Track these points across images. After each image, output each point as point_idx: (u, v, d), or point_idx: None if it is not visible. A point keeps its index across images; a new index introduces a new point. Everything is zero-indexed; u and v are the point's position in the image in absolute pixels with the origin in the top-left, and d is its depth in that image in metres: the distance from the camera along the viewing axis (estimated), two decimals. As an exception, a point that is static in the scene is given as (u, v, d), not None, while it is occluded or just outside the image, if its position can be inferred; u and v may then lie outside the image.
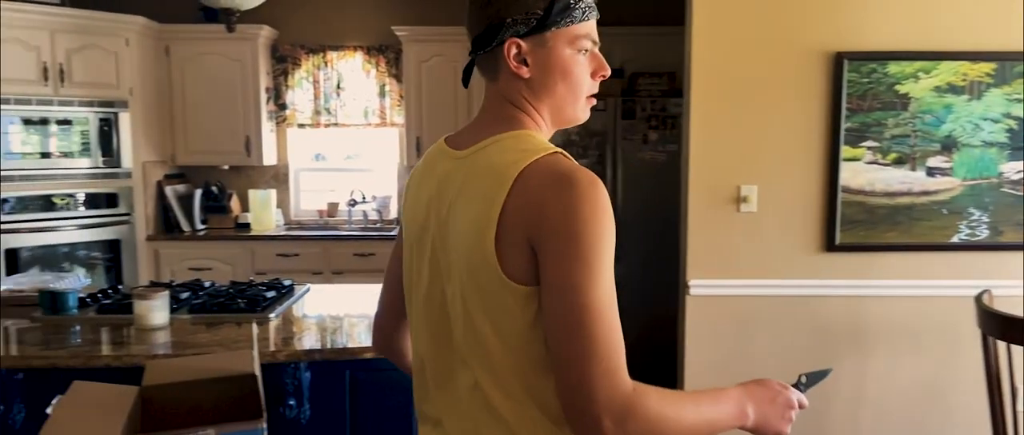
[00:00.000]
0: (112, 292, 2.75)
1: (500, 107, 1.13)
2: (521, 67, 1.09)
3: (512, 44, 1.08)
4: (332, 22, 5.04)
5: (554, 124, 1.16)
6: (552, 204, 0.99)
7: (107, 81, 4.37)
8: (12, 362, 2.10)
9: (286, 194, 5.23)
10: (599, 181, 1.01)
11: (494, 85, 1.13)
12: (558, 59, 1.10)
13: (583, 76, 1.13)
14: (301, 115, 5.07)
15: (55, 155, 4.26)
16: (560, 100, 1.13)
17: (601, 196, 1.00)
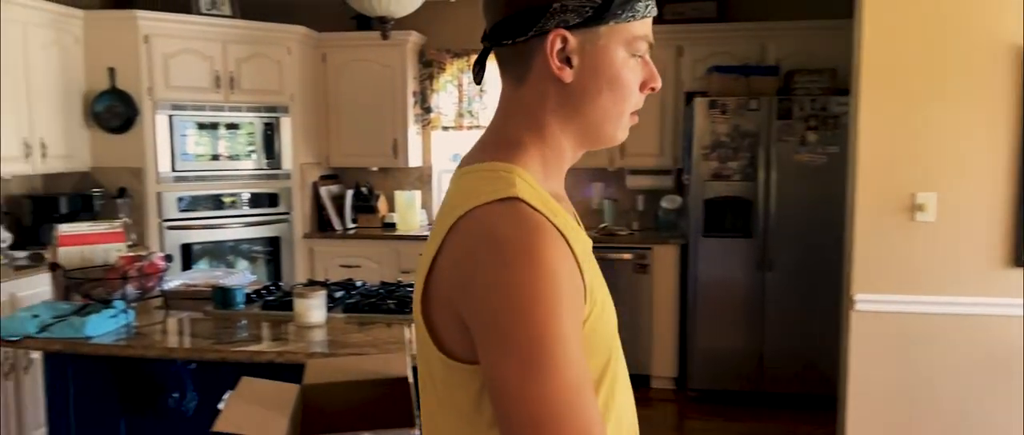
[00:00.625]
0: (274, 289, 2.90)
1: (507, 121, 0.91)
2: (564, 68, 0.86)
3: (557, 36, 0.85)
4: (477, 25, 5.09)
5: (581, 145, 0.93)
6: (476, 274, 0.78)
7: (271, 88, 4.65)
8: (187, 353, 2.25)
9: (430, 195, 5.36)
10: (541, 242, 0.77)
11: (515, 88, 0.90)
12: (610, 61, 0.87)
13: (633, 86, 0.90)
14: (445, 118, 5.18)
15: (223, 157, 4.58)
16: (601, 114, 0.89)
17: (540, 265, 0.76)
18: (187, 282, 2.89)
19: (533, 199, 0.82)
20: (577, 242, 0.83)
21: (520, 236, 0.77)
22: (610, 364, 0.89)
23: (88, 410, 2.52)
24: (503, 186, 0.82)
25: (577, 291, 0.80)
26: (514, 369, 0.76)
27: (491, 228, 0.79)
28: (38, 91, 3.86)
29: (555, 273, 0.77)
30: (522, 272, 0.76)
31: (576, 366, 0.77)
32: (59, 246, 2.49)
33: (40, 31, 3.85)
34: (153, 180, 4.30)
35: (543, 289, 0.76)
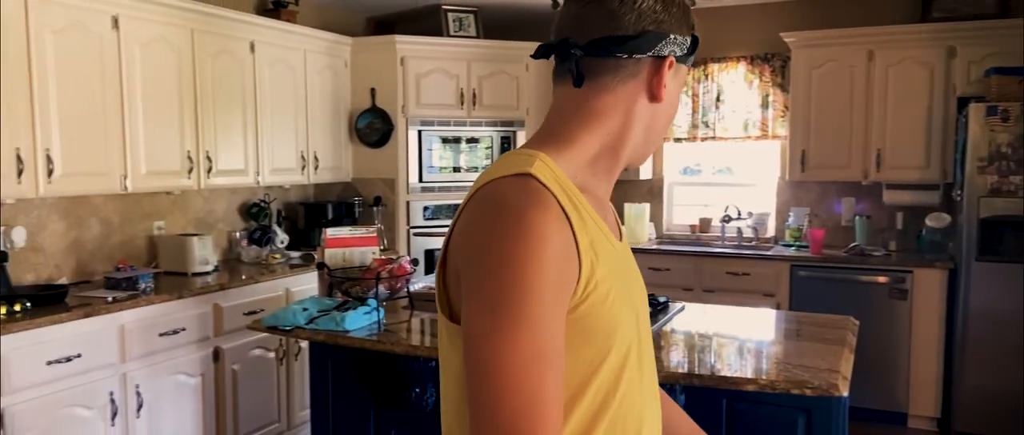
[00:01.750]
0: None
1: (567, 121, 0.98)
2: (662, 89, 0.98)
3: (670, 61, 0.97)
4: (716, 34, 4.94)
5: (630, 157, 1.01)
6: (473, 232, 0.85)
7: (508, 103, 4.86)
8: (427, 352, 2.40)
9: (659, 208, 5.27)
10: (536, 210, 0.83)
11: (593, 95, 0.97)
12: (677, 92, 1.02)
13: (674, 116, 1.05)
14: (678, 129, 5.06)
15: (463, 169, 4.86)
16: (658, 133, 1.02)
17: (529, 228, 0.82)
18: (430, 285, 3.08)
19: (548, 179, 0.88)
20: (587, 230, 0.88)
21: (518, 202, 0.84)
22: (610, 360, 0.91)
23: (343, 397, 2.78)
24: (522, 164, 0.90)
25: (566, 268, 0.84)
26: (483, 318, 0.82)
27: (497, 195, 0.86)
28: (313, 110, 4.37)
29: (542, 240, 0.82)
30: (509, 231, 0.82)
31: (542, 333, 0.81)
32: (326, 247, 2.78)
33: (317, 57, 4.37)
34: (404, 190, 4.67)
35: (525, 251, 0.81)
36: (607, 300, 0.89)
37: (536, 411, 0.80)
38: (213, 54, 3.66)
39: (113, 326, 2.95)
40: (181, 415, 3.26)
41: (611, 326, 0.91)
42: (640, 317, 0.99)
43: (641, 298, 1.03)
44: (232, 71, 3.78)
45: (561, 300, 0.84)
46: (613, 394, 0.92)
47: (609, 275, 0.90)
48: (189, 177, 3.60)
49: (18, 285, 3.09)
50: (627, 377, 0.94)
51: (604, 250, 0.90)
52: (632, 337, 0.95)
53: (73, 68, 3.03)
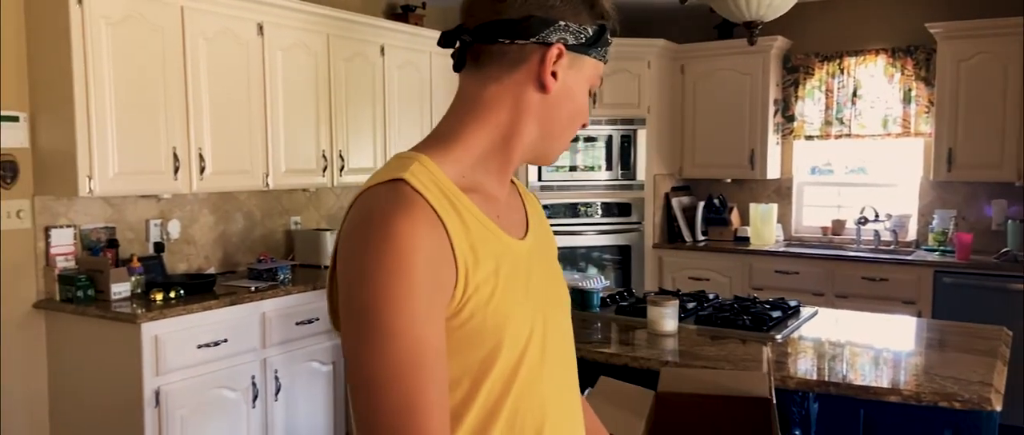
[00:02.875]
0: (627, 295, 2.97)
1: (455, 116, 0.95)
2: (551, 79, 0.92)
3: (559, 49, 0.92)
4: (852, 25, 4.68)
5: (529, 153, 0.97)
6: (345, 243, 0.85)
7: (629, 101, 4.81)
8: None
9: (788, 208, 5.05)
10: (403, 217, 0.81)
11: (482, 86, 0.93)
12: (580, 88, 0.95)
13: (584, 114, 0.98)
14: (810, 126, 4.84)
15: (580, 168, 4.85)
16: (558, 129, 0.96)
17: (385, 236, 0.80)
18: (550, 282, 3.10)
19: (422, 183, 0.86)
20: (467, 233, 0.86)
21: (384, 211, 0.82)
22: (500, 361, 0.89)
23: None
24: (397, 169, 0.87)
25: (439, 273, 0.82)
26: (353, 332, 0.82)
27: (367, 204, 0.85)
28: (438, 110, 4.48)
29: (409, 249, 0.80)
30: (375, 241, 0.81)
31: (413, 341, 0.80)
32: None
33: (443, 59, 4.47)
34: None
35: (391, 260, 0.80)
36: (491, 301, 0.87)
37: (413, 419, 0.80)
38: (346, 58, 3.84)
39: (255, 314, 3.15)
40: (314, 400, 3.44)
41: (498, 326, 0.88)
42: (549, 314, 0.97)
43: (555, 294, 1.01)
44: (363, 73, 3.95)
45: (435, 305, 0.82)
46: (506, 394, 0.90)
47: (493, 275, 0.88)
48: (323, 175, 3.79)
49: (173, 274, 3.36)
50: (523, 377, 0.92)
51: (489, 250, 0.89)
52: (528, 335, 0.92)
53: (222, 73, 3.26)
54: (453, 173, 0.91)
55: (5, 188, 2.89)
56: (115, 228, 3.22)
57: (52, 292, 2.99)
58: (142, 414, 2.77)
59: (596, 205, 4.89)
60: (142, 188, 3.08)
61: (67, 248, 3.04)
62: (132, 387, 2.77)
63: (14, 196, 2.91)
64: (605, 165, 4.87)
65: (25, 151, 2.94)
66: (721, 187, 5.18)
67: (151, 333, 2.77)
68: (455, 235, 0.85)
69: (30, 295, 2.98)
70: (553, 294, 1.01)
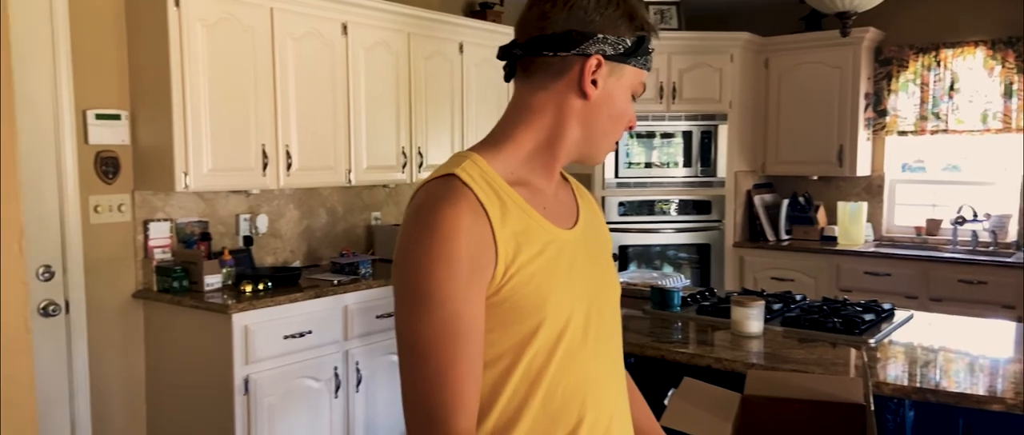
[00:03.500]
0: (709, 294, 2.91)
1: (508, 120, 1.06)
2: (591, 86, 1.02)
3: (597, 59, 1.01)
4: (950, 16, 4.45)
5: (574, 154, 1.07)
6: (401, 233, 0.96)
7: (710, 96, 4.70)
8: (629, 348, 2.38)
9: (878, 207, 4.84)
10: (449, 206, 0.93)
11: (531, 93, 1.04)
12: (619, 92, 1.04)
13: (625, 119, 1.07)
14: (903, 121, 4.62)
15: (658, 165, 4.77)
16: (599, 132, 1.06)
17: (432, 222, 0.92)
18: (627, 281, 3.06)
19: (472, 177, 0.97)
20: (510, 221, 0.96)
21: (434, 201, 0.94)
22: (541, 335, 0.98)
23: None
24: (451, 166, 0.99)
25: (477, 254, 0.93)
26: (400, 306, 0.94)
27: (421, 198, 0.97)
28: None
29: (452, 234, 0.91)
30: (421, 229, 0.92)
31: (451, 315, 0.91)
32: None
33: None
34: (599, 186, 4.68)
35: (435, 244, 0.91)
36: (532, 281, 0.97)
37: (446, 384, 0.92)
38: (426, 56, 3.89)
39: (338, 307, 3.23)
40: (394, 393, 3.50)
41: (538, 305, 0.98)
42: (595, 299, 1.06)
43: (602, 280, 1.09)
44: (442, 71, 4.00)
45: (473, 284, 0.93)
46: (546, 369, 1.00)
47: (535, 259, 0.98)
48: (403, 171, 3.85)
49: (260, 266, 3.48)
50: (562, 354, 1.01)
51: (532, 237, 0.99)
52: (569, 316, 1.01)
53: (308, 72, 3.35)
54: (502, 170, 1.02)
55: (107, 183, 3.05)
56: (208, 222, 3.36)
57: (150, 283, 3.14)
58: (232, 401, 2.88)
59: (674, 203, 4.80)
60: (233, 184, 3.20)
61: (164, 241, 3.19)
62: (223, 374, 2.89)
63: (116, 191, 3.07)
64: (683, 162, 4.78)
65: (126, 148, 3.09)
66: (806, 184, 5.01)
67: (241, 323, 2.88)
68: (497, 223, 0.96)
69: (130, 285, 3.14)
70: (600, 281, 1.09)
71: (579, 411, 1.02)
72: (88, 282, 2.99)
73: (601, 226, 1.17)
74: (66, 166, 2.91)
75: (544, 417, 1.00)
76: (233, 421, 2.89)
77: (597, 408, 1.04)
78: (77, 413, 2.99)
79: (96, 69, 2.99)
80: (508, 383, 0.98)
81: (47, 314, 2.88)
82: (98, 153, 3.01)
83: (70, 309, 2.95)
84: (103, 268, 3.05)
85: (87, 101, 2.96)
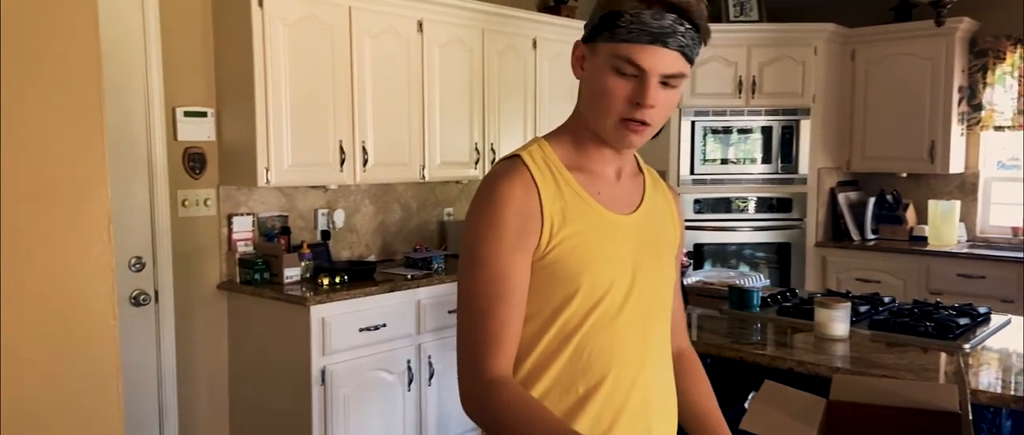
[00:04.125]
0: (790, 295, 2.81)
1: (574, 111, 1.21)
2: (579, 70, 1.15)
3: (577, 45, 1.15)
4: (1052, 2, 4.17)
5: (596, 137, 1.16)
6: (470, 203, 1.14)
7: (792, 90, 4.54)
8: (705, 348, 2.32)
9: (971, 206, 4.59)
10: (504, 181, 1.09)
11: None
12: (598, 70, 1.11)
13: (615, 97, 1.10)
14: (999, 116, 4.36)
15: (735, 161, 4.64)
16: (591, 113, 1.14)
17: (486, 191, 1.10)
18: (704, 279, 2.99)
19: (533, 158, 1.14)
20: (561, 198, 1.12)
21: (494, 177, 1.12)
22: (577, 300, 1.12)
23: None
24: (521, 149, 1.16)
25: (525, 223, 1.09)
26: (461, 261, 1.13)
27: (488, 174, 1.14)
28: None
29: (503, 203, 1.08)
30: (480, 199, 1.11)
31: (496, 272, 1.08)
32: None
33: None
34: (674, 182, 4.59)
35: (488, 212, 1.09)
36: (573, 252, 1.11)
37: (485, 330, 1.08)
38: (500, 51, 3.89)
39: (411, 301, 3.27)
40: (465, 387, 3.51)
41: (577, 273, 1.12)
42: (639, 279, 1.17)
43: (652, 266, 1.20)
44: (515, 67, 3.99)
45: (518, 248, 1.09)
46: (577, 330, 1.14)
47: (578, 234, 1.12)
48: (475, 167, 3.86)
49: (337, 260, 3.55)
50: (596, 320, 1.14)
51: (579, 215, 1.13)
52: (608, 288, 1.14)
53: (385, 69, 3.40)
54: (563, 155, 1.17)
55: (194, 178, 3.17)
56: (288, 216, 3.45)
57: (233, 274, 3.25)
58: (310, 391, 2.95)
59: (752, 200, 4.67)
60: (312, 179, 3.28)
61: (246, 234, 3.30)
62: (301, 365, 2.96)
63: (202, 185, 3.19)
64: (762, 158, 4.63)
65: (212, 144, 3.21)
66: (894, 182, 4.79)
67: (319, 315, 2.94)
68: (546, 198, 1.11)
69: (214, 277, 3.26)
70: (651, 265, 1.20)
71: (602, 371, 1.15)
72: (176, 273, 3.12)
73: (669, 220, 1.27)
74: (156, 162, 3.04)
75: (569, 371, 1.15)
76: (310, 411, 2.96)
77: (620, 374, 1.16)
78: (165, 399, 3.12)
79: (185, 68, 3.10)
80: (543, 338, 1.14)
81: (138, 303, 3.02)
82: (186, 149, 3.13)
83: (159, 299, 3.08)
84: (190, 260, 3.17)
85: (176, 99, 3.08)
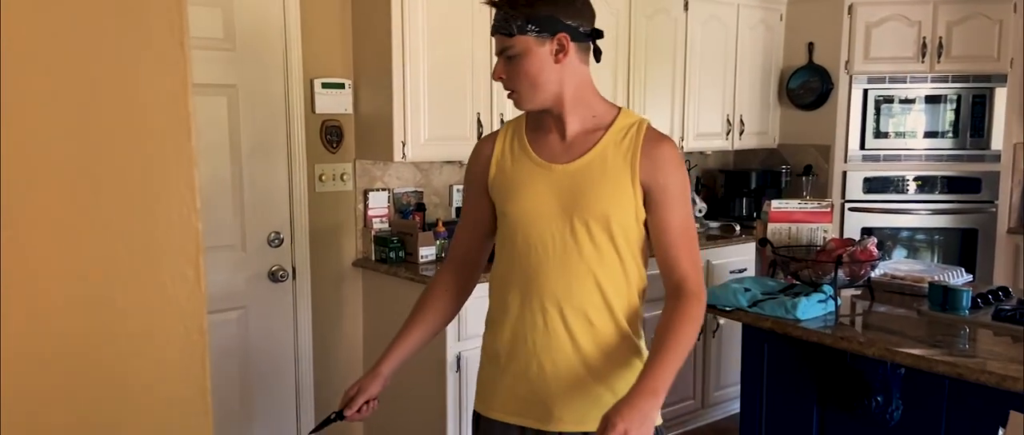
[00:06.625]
0: (1001, 295, 2.36)
1: None
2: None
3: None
4: None
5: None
6: None
7: (986, 53, 3.94)
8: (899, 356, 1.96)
9: None
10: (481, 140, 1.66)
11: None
12: None
13: None
14: None
15: (916, 135, 4.09)
16: None
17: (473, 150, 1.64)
18: (891, 272, 2.59)
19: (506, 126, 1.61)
20: (507, 148, 1.56)
21: None
22: (504, 231, 1.56)
23: (780, 390, 2.47)
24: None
25: (476, 167, 1.61)
26: None
27: None
28: (742, 70, 4.05)
29: (471, 155, 1.63)
30: None
31: (464, 204, 1.67)
32: (769, 222, 2.48)
33: (751, 12, 4.02)
34: (840, 159, 4.11)
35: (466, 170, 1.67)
36: (499, 199, 1.55)
37: (455, 239, 1.69)
38: (648, 14, 3.57)
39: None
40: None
41: (501, 215, 1.56)
42: (548, 223, 1.48)
43: (560, 212, 1.48)
44: (665, 31, 3.65)
45: (474, 190, 1.61)
46: (505, 252, 1.56)
47: (504, 182, 1.54)
48: (619, 141, 3.58)
49: (473, 238, 3.39)
50: (521, 248, 1.51)
51: (511, 165, 1.54)
52: (513, 229, 1.52)
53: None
54: (531, 120, 1.55)
55: (331, 152, 3.08)
56: (423, 192, 3.32)
57: (368, 252, 3.16)
58: (445, 377, 2.81)
59: (933, 180, 4.10)
60: (448, 154, 3.11)
61: (382, 210, 3.19)
62: (436, 350, 2.82)
63: (339, 159, 3.10)
64: (951, 131, 4.05)
65: (349, 117, 3.10)
66: (1111, 160, 4.08)
67: (454, 299, 2.78)
68: (497, 149, 1.57)
69: (351, 253, 3.18)
70: (574, 207, 1.47)
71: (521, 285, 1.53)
72: (313, 249, 3.06)
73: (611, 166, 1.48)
74: (295, 135, 2.96)
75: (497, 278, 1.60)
76: (445, 397, 2.83)
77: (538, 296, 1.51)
78: (301, 377, 3.09)
79: (323, 38, 3.00)
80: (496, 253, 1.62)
81: (276, 279, 2.97)
82: (323, 122, 3.04)
83: (296, 275, 3.03)
84: (326, 236, 3.10)
85: (314, 70, 2.99)
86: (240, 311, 2.92)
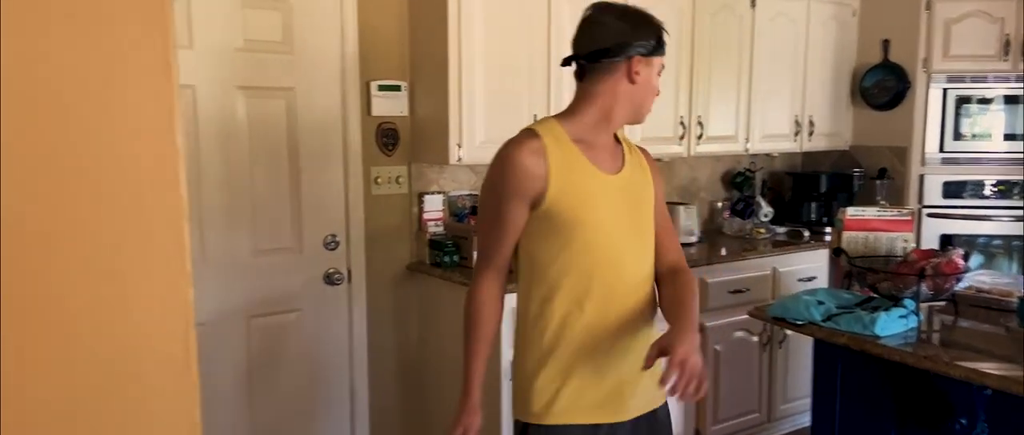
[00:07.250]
0: (1103, 313, 2.17)
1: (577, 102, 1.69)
2: (636, 75, 1.64)
3: (637, 59, 1.63)
4: None
5: (619, 121, 1.69)
6: None
7: (1079, 49, 3.67)
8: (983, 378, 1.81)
9: None
10: (508, 146, 1.62)
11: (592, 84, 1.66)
12: (651, 76, 1.68)
13: (655, 90, 1.71)
14: None
15: (995, 137, 3.85)
16: (642, 103, 1.69)
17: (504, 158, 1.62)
18: (976, 285, 2.41)
19: (544, 132, 1.62)
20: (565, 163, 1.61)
21: (507, 145, 1.64)
22: (575, 238, 1.62)
23: (855, 407, 2.33)
24: (534, 125, 1.67)
25: (526, 180, 1.59)
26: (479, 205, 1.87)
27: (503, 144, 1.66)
28: (812, 68, 3.88)
29: (511, 165, 1.60)
30: (495, 162, 1.65)
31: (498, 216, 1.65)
32: (845, 230, 2.34)
33: (822, 7, 3.85)
34: (917, 161, 3.90)
35: (497, 172, 1.64)
36: (570, 203, 1.61)
37: (488, 249, 1.70)
38: (713, 12, 3.44)
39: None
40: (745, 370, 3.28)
41: (573, 219, 1.62)
42: (619, 225, 1.67)
43: (627, 214, 1.69)
44: (730, 29, 3.52)
45: (515, 197, 1.62)
46: (572, 262, 1.65)
47: (574, 192, 1.61)
48: (680, 143, 3.47)
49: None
50: (590, 256, 1.65)
51: (579, 177, 1.62)
52: (593, 234, 1.64)
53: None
54: (570, 131, 1.64)
55: (387, 154, 3.05)
56: (477, 195, 3.27)
57: (423, 255, 3.12)
58: (500, 383, 2.75)
59: (1016, 184, 3.85)
60: (504, 156, 3.05)
61: (437, 214, 3.15)
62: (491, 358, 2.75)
63: (394, 162, 3.07)
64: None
65: (405, 119, 3.07)
66: None
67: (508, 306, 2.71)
68: (554, 164, 1.59)
69: (405, 257, 3.15)
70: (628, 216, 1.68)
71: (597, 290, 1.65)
72: (368, 252, 3.03)
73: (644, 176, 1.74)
74: (351, 137, 2.95)
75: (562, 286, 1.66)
76: (500, 405, 2.77)
77: (603, 298, 1.66)
78: (355, 380, 3.07)
79: (380, 40, 2.98)
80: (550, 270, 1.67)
81: (331, 282, 2.96)
82: (379, 124, 3.02)
83: (351, 278, 3.01)
84: (382, 239, 3.07)
85: (371, 72, 2.97)
86: (296, 313, 2.92)
